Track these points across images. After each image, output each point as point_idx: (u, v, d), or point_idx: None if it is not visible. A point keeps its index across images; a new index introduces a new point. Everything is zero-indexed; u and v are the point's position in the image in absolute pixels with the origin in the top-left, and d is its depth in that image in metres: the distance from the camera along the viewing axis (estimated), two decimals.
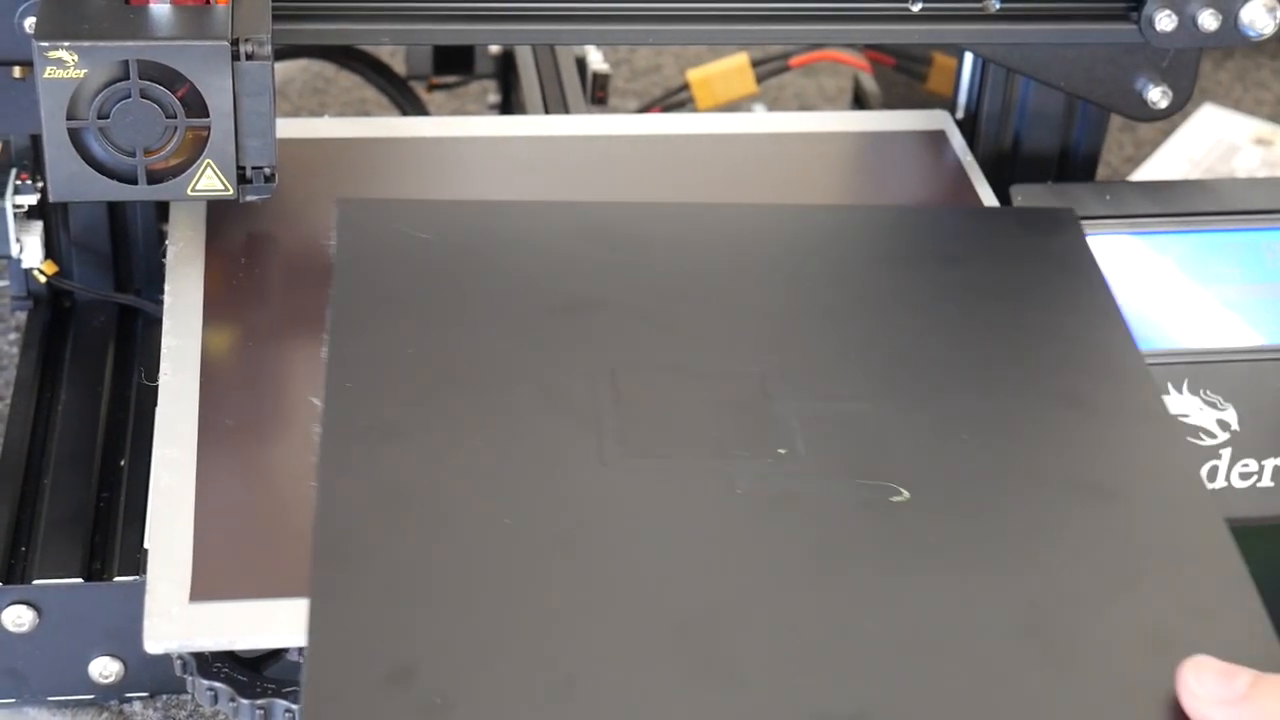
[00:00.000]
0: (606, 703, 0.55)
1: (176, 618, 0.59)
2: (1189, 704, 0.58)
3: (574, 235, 0.74)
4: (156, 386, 0.67)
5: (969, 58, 0.87)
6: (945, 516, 0.63)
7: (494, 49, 1.04)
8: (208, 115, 0.67)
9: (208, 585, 0.60)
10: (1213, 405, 0.76)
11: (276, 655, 0.63)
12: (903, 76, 0.96)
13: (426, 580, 0.58)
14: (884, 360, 0.70)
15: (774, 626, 0.59)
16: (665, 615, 0.58)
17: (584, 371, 0.67)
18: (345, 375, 0.65)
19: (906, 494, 0.64)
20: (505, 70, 1.04)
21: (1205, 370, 0.76)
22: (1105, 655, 0.59)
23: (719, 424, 0.66)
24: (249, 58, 0.66)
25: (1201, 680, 0.58)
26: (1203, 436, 0.75)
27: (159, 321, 0.72)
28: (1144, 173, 1.06)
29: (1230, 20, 0.77)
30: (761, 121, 0.87)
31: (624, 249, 0.74)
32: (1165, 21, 0.77)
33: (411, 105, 0.98)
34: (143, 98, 0.66)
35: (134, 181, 0.68)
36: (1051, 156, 0.87)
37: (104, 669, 0.71)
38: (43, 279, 0.82)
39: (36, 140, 0.78)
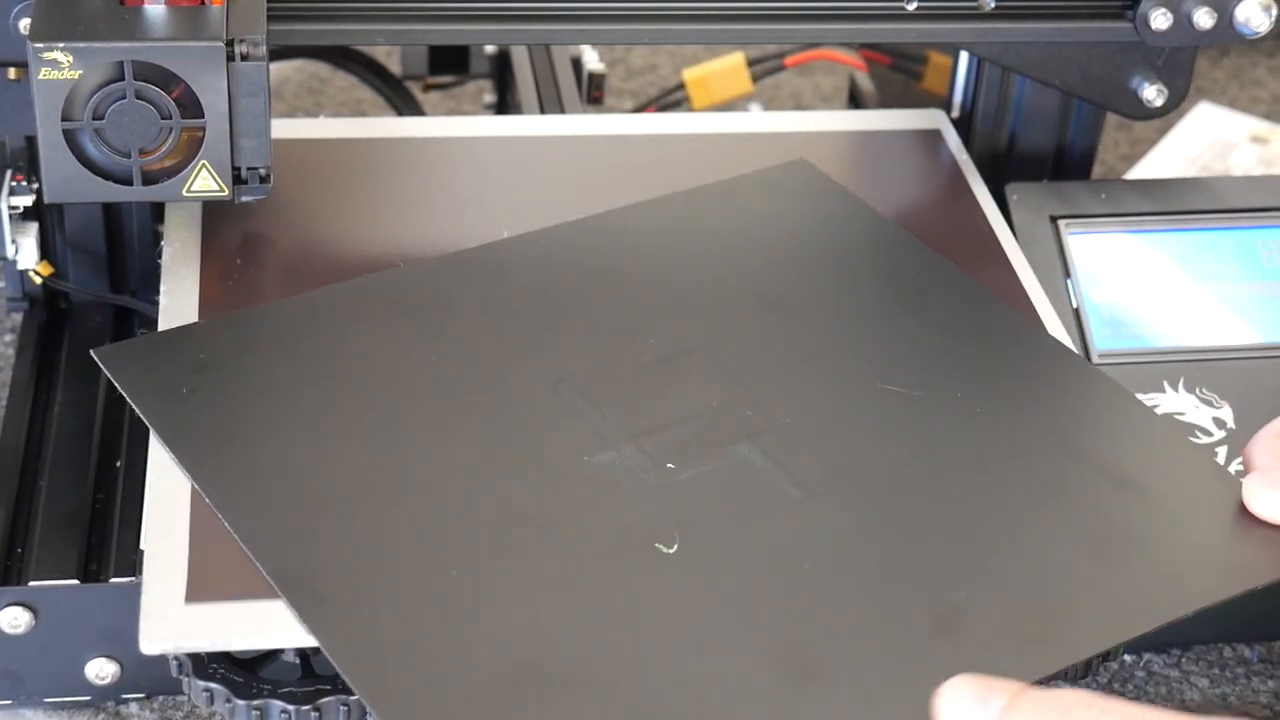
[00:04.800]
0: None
1: (172, 619, 0.59)
2: None
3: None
4: None
5: (964, 56, 0.87)
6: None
7: (489, 49, 1.04)
8: (203, 116, 0.66)
9: (203, 586, 0.60)
10: (1208, 403, 0.76)
11: (272, 656, 0.63)
12: (898, 75, 0.96)
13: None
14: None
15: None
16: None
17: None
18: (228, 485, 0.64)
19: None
20: (501, 70, 1.04)
21: (1201, 368, 0.76)
22: None
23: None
24: (244, 58, 0.66)
25: (956, 703, 0.54)
26: (1199, 434, 0.75)
27: (155, 323, 0.72)
28: (1140, 171, 1.06)
29: (1226, 18, 0.77)
30: (757, 121, 0.87)
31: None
32: (1160, 20, 0.77)
33: (407, 105, 0.98)
34: (138, 99, 0.66)
35: (129, 182, 0.67)
36: (1047, 155, 0.87)
37: (100, 670, 0.71)
38: (38, 280, 0.82)
39: (31, 141, 0.78)
